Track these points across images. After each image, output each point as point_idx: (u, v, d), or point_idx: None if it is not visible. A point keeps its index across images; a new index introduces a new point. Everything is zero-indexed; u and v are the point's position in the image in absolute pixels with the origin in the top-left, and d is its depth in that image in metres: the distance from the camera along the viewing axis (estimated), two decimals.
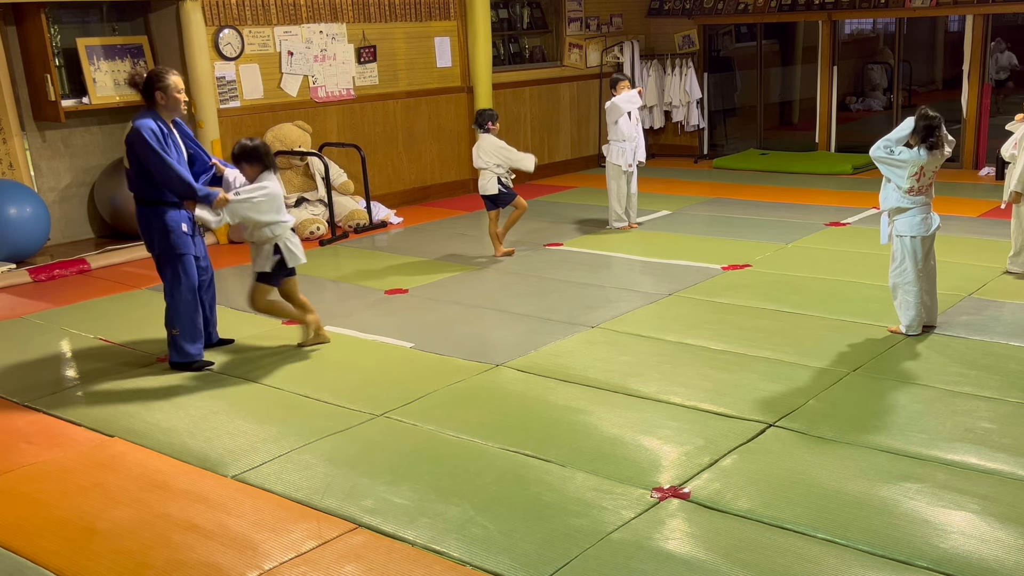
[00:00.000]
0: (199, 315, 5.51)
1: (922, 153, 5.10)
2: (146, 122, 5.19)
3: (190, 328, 5.43)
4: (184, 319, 5.42)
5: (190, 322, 5.43)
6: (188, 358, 5.44)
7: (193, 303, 5.45)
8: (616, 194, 8.50)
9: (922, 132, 5.12)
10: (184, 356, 5.44)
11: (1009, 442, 4.06)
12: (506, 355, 5.39)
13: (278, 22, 9.15)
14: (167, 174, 5.18)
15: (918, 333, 5.40)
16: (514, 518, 3.61)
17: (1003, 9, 10.44)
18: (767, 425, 4.32)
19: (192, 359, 5.45)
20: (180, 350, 5.44)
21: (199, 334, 5.49)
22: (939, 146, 5.14)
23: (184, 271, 5.39)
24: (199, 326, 5.49)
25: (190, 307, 5.43)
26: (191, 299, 5.43)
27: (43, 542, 3.62)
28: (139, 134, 5.14)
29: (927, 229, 5.28)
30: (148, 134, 5.14)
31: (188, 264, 5.41)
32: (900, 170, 5.16)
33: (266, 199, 5.36)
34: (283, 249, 5.46)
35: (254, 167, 5.41)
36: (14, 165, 8.07)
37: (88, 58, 8.38)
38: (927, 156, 5.11)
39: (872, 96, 14.14)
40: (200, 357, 5.49)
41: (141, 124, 5.17)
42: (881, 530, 3.41)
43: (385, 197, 9.98)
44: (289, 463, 4.17)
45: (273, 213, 5.40)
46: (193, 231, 5.42)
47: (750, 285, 6.57)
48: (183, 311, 5.41)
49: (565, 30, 11.92)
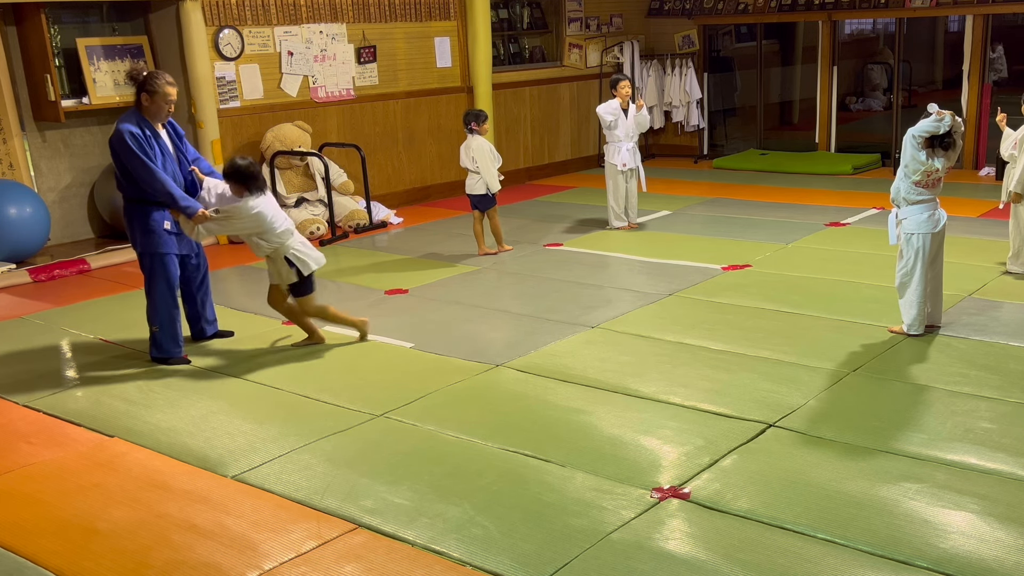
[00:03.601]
0: (178, 312, 5.59)
1: (937, 161, 5.11)
2: (127, 126, 5.27)
3: (168, 325, 5.53)
4: (163, 316, 5.51)
5: (169, 319, 5.53)
6: (166, 354, 5.54)
7: (172, 301, 5.53)
8: (615, 194, 8.51)
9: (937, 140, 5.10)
10: (162, 352, 5.55)
11: (1009, 442, 4.06)
12: (506, 355, 5.39)
13: (278, 22, 9.15)
14: (150, 181, 5.28)
15: (919, 333, 5.40)
16: (514, 518, 3.61)
17: (1003, 9, 10.44)
18: (767, 425, 4.32)
19: (169, 355, 5.54)
20: (159, 346, 5.55)
21: (177, 332, 5.57)
22: (952, 147, 5.14)
23: (163, 269, 5.47)
24: (177, 324, 5.58)
25: (168, 305, 5.51)
26: (170, 297, 5.52)
27: (43, 542, 3.62)
28: (121, 138, 5.24)
29: (935, 226, 5.27)
30: (129, 138, 5.22)
31: (168, 263, 5.48)
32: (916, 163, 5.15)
33: (241, 221, 5.35)
34: (294, 260, 5.46)
35: (239, 188, 5.38)
36: (14, 165, 8.07)
37: (88, 58, 8.38)
38: (940, 160, 5.11)
39: (872, 96, 14.13)
40: (178, 354, 5.56)
41: (123, 128, 5.26)
42: (881, 530, 3.41)
43: (385, 197, 9.98)
44: (289, 463, 4.17)
45: (259, 229, 5.37)
46: (178, 229, 5.48)
47: (750, 285, 6.57)
48: (161, 308, 5.50)
49: (565, 30, 11.92)
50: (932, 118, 5.10)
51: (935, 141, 5.12)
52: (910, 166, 5.19)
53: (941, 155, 5.13)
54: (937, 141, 5.12)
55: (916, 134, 5.16)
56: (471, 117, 7.67)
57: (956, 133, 5.12)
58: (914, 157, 5.16)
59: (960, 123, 5.15)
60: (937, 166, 5.14)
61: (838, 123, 11.89)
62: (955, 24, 12.57)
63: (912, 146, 5.17)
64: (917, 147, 5.15)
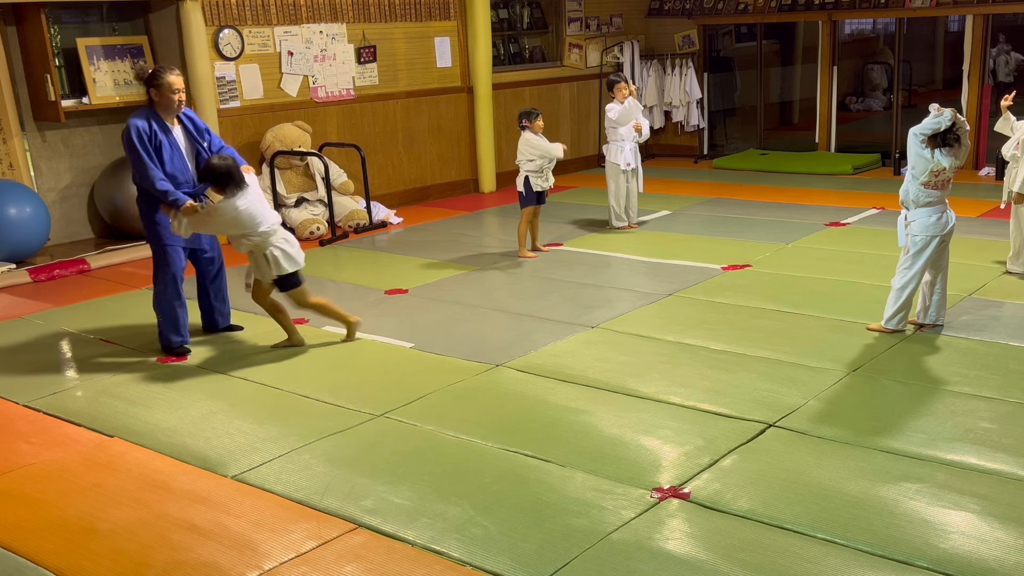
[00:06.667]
0: (180, 304, 5.64)
1: (943, 158, 5.09)
2: (135, 120, 5.41)
3: (170, 317, 5.62)
4: (164, 308, 5.62)
5: (170, 310, 5.61)
6: (165, 342, 5.65)
7: (174, 293, 5.59)
8: (615, 194, 8.51)
9: (940, 138, 5.09)
10: (164, 340, 5.66)
11: (1009, 442, 4.06)
12: (506, 355, 5.39)
13: (278, 22, 9.15)
14: (143, 174, 5.38)
15: (899, 329, 5.39)
16: (514, 518, 3.61)
17: (1003, 9, 10.44)
18: (767, 425, 4.32)
19: (170, 344, 5.65)
20: (161, 335, 5.68)
21: (179, 323, 5.64)
22: (955, 142, 5.11)
23: (167, 262, 5.56)
24: (179, 315, 5.64)
25: (171, 296, 5.59)
26: (172, 289, 5.58)
27: (43, 542, 3.62)
28: (126, 131, 5.38)
29: (942, 228, 5.26)
30: (134, 132, 5.35)
31: (172, 254, 5.56)
32: (922, 163, 5.15)
33: (223, 219, 5.31)
34: (270, 259, 5.39)
35: (217, 189, 5.36)
36: (14, 165, 8.07)
37: (88, 58, 8.38)
38: (946, 159, 5.10)
39: (872, 96, 14.14)
40: (178, 344, 5.65)
41: (131, 122, 5.40)
42: (881, 530, 3.41)
43: (385, 197, 9.98)
44: (289, 463, 4.17)
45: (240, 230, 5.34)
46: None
47: (750, 285, 6.57)
48: (163, 300, 5.61)
49: (565, 30, 11.92)
50: (932, 115, 5.10)
51: (938, 139, 5.11)
52: (917, 167, 5.17)
53: (946, 153, 5.11)
54: (940, 139, 5.11)
55: (917, 132, 5.15)
56: (522, 115, 7.67)
57: (960, 130, 5.10)
58: (919, 155, 5.15)
59: (964, 121, 5.13)
60: (944, 164, 5.11)
61: (838, 123, 11.88)
62: (955, 24, 12.57)
63: (915, 145, 5.16)
64: (920, 145, 5.14)
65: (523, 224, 7.72)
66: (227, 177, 5.29)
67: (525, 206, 7.65)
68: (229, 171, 5.30)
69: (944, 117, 5.05)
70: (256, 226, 5.34)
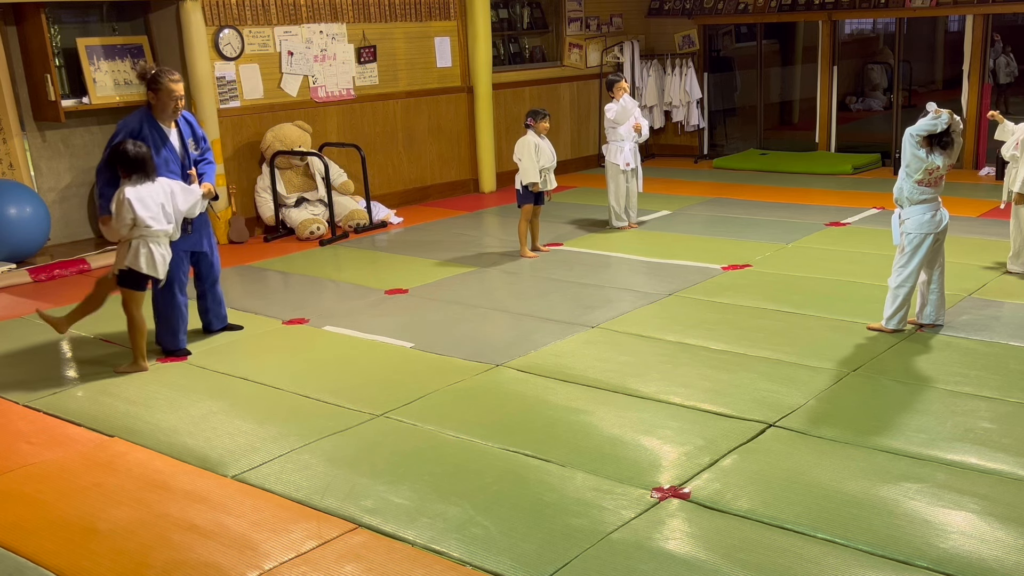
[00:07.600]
0: (175, 307, 5.64)
1: (937, 158, 5.11)
2: (126, 121, 5.45)
3: (170, 319, 5.65)
4: (164, 311, 5.65)
5: (170, 313, 5.64)
6: (168, 345, 5.69)
7: (168, 295, 5.60)
8: (615, 194, 8.52)
9: (936, 139, 5.11)
10: (164, 342, 5.71)
11: (1009, 442, 4.06)
12: (506, 355, 5.39)
13: (278, 22, 9.15)
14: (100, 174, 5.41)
15: (899, 328, 5.40)
16: (514, 518, 3.61)
17: (1003, 9, 10.44)
18: (767, 425, 4.32)
19: (165, 347, 5.69)
20: (160, 337, 5.72)
21: (176, 326, 5.66)
22: (951, 144, 5.14)
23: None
24: (175, 318, 5.65)
25: (165, 299, 5.61)
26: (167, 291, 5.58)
27: (43, 542, 3.62)
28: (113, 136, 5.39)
29: (936, 226, 5.28)
30: (119, 132, 5.37)
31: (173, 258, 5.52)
32: (917, 162, 5.16)
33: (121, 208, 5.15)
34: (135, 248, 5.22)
35: (124, 172, 5.21)
36: (14, 165, 8.07)
37: (88, 58, 8.38)
38: (940, 160, 5.12)
39: (872, 96, 14.14)
40: (174, 346, 5.67)
41: (122, 122, 5.46)
42: (881, 530, 3.41)
43: (385, 197, 9.98)
44: (289, 463, 4.17)
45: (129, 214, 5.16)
46: (185, 225, 5.54)
47: (750, 285, 6.57)
48: (163, 303, 5.64)
49: (565, 30, 11.92)
50: (929, 116, 5.11)
51: (934, 140, 5.13)
52: (911, 165, 5.20)
53: (940, 153, 5.14)
54: (936, 140, 5.12)
55: (914, 133, 5.17)
56: (529, 114, 7.66)
57: (955, 131, 5.12)
58: (914, 155, 5.17)
59: (958, 121, 5.16)
60: (938, 163, 5.14)
61: (838, 123, 11.89)
62: (955, 24, 12.58)
63: (911, 145, 5.18)
64: (916, 145, 5.16)
65: (523, 223, 7.73)
66: (135, 164, 5.17)
67: (523, 204, 7.66)
68: (140, 159, 5.18)
69: (942, 120, 5.07)
70: (143, 220, 5.15)
